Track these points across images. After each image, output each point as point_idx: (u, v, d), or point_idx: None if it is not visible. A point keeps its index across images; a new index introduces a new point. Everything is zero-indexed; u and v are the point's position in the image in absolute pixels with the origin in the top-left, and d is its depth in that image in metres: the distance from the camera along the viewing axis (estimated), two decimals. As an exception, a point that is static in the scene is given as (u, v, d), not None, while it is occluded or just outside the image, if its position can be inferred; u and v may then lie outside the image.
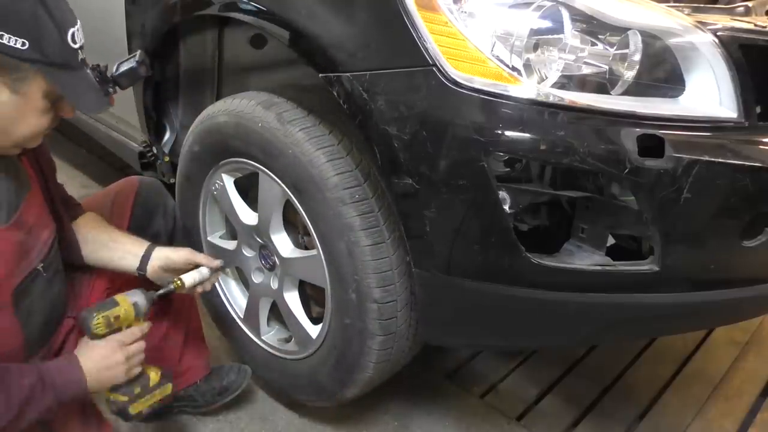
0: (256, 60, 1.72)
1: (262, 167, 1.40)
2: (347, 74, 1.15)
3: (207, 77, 1.76)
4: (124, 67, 1.17)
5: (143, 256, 1.33)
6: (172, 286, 1.31)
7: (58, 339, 1.29)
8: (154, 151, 1.92)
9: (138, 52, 1.20)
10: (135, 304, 1.22)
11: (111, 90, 1.13)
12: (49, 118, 1.08)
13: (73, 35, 1.02)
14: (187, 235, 1.66)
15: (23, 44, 0.96)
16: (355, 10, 1.16)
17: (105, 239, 1.34)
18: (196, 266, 1.37)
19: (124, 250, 1.33)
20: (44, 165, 1.26)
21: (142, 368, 1.24)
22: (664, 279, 1.11)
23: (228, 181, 1.55)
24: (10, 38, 0.95)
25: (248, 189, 1.56)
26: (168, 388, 1.30)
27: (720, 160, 1.05)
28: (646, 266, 1.10)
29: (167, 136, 1.91)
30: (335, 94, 1.18)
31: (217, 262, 1.40)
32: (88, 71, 1.09)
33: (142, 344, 1.22)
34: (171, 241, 1.49)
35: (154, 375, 1.27)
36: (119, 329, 1.19)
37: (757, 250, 1.12)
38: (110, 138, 2.16)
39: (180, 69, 1.76)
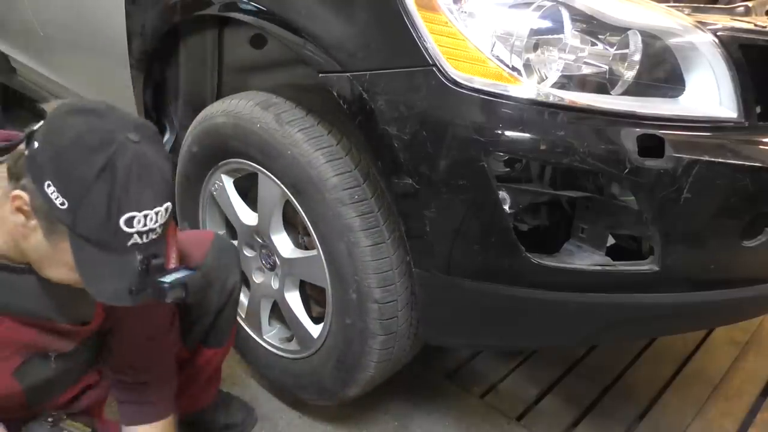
0: (256, 60, 1.72)
1: (261, 168, 1.40)
2: (347, 74, 1.15)
3: (207, 77, 1.76)
4: (163, 281, 0.96)
5: None
6: None
7: (75, 390, 1.24)
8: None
9: (192, 272, 1.00)
10: None
11: (141, 294, 0.95)
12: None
13: (129, 219, 0.88)
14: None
15: (62, 203, 0.87)
16: (355, 10, 1.16)
17: None
18: None
19: None
20: (125, 333, 1.18)
21: None
22: (664, 279, 1.11)
23: (227, 182, 1.55)
24: (54, 191, 0.87)
25: (248, 189, 1.56)
26: None
27: (720, 160, 1.05)
28: (646, 266, 1.11)
29: (167, 136, 1.90)
30: (335, 94, 1.18)
31: None
32: (137, 258, 0.92)
33: None
34: (219, 315, 1.37)
35: None
36: None
37: (757, 250, 1.12)
38: None
39: (180, 69, 1.76)
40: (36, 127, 0.91)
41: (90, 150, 0.87)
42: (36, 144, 0.88)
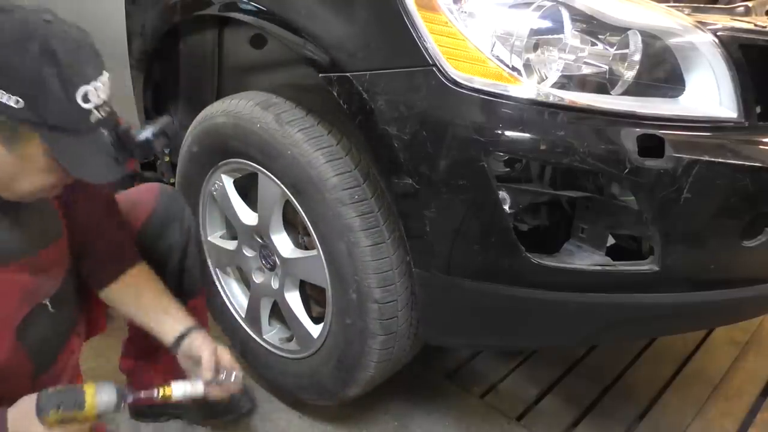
0: (256, 60, 1.72)
1: (261, 168, 1.40)
2: (347, 74, 1.15)
3: (207, 77, 1.76)
4: (141, 136, 1.00)
5: (178, 336, 1.24)
6: (156, 394, 1.14)
7: (65, 357, 1.26)
8: (154, 151, 1.92)
9: (163, 118, 1.06)
10: (99, 413, 1.06)
11: (126, 158, 0.99)
12: (56, 175, 0.97)
13: (85, 94, 0.90)
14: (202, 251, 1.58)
15: (17, 102, 0.86)
16: (355, 10, 1.16)
17: (152, 305, 1.26)
18: (216, 367, 1.22)
19: (164, 324, 1.25)
20: (80, 207, 1.18)
21: None
22: (664, 279, 1.11)
23: (227, 182, 1.55)
24: (3, 94, 0.86)
25: (248, 189, 1.56)
26: None
27: (720, 160, 1.05)
28: (646, 266, 1.11)
29: (167, 136, 1.90)
30: (335, 94, 1.18)
31: (238, 373, 1.24)
32: (105, 133, 0.95)
33: None
34: (183, 257, 1.42)
35: None
36: (71, 422, 1.06)
37: (757, 250, 1.12)
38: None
39: (180, 69, 1.76)
40: None
41: (19, 42, 0.87)
42: None
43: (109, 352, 1.63)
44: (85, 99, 0.90)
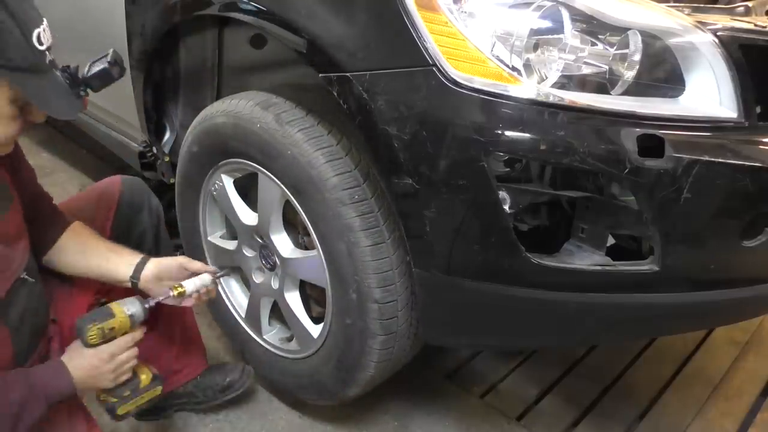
0: (256, 60, 1.72)
1: (261, 168, 1.40)
2: (347, 74, 1.15)
3: (207, 77, 1.76)
4: (96, 68, 1.09)
5: (137, 265, 1.31)
6: (172, 293, 1.29)
7: (45, 345, 1.28)
8: (154, 151, 1.92)
9: (111, 51, 1.13)
10: (131, 315, 1.21)
11: (83, 93, 1.07)
12: (18, 124, 1.03)
13: (38, 36, 0.97)
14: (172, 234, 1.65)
15: None
16: (355, 10, 1.16)
17: (100, 249, 1.32)
18: (192, 274, 1.35)
19: (117, 261, 1.31)
20: (24, 172, 1.24)
21: (132, 372, 1.25)
22: (664, 279, 1.11)
23: (227, 182, 1.55)
24: None
25: (248, 189, 1.56)
26: (158, 390, 1.31)
27: (720, 160, 1.05)
28: (646, 266, 1.10)
29: (167, 136, 1.91)
30: (335, 94, 1.18)
31: (214, 268, 1.38)
32: (58, 73, 1.03)
33: (133, 351, 1.23)
34: (157, 239, 1.50)
35: (144, 378, 1.28)
36: (113, 338, 1.19)
37: (757, 250, 1.12)
38: (110, 138, 2.16)
39: (180, 69, 1.76)
40: None
41: None
42: None
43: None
44: (39, 41, 0.97)
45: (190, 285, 1.31)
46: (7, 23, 0.92)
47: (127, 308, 1.21)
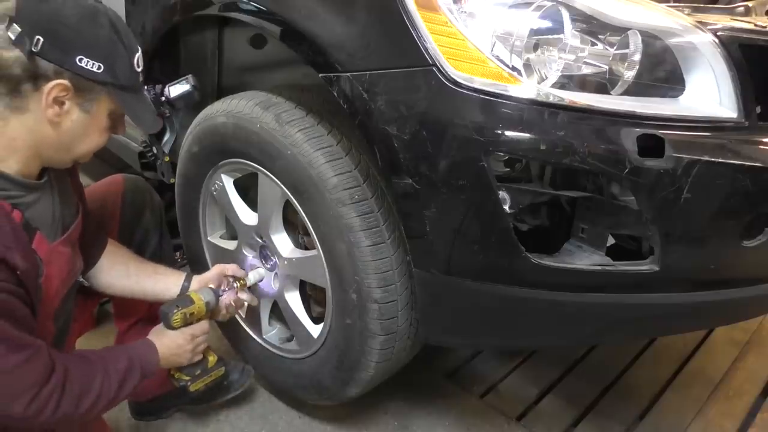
0: (256, 60, 1.72)
1: (261, 168, 1.40)
2: (347, 74, 1.15)
3: (207, 77, 1.76)
4: (179, 91, 1.31)
5: (183, 284, 1.44)
6: (235, 285, 1.47)
7: (71, 343, 1.37)
8: (154, 151, 1.92)
9: (189, 76, 1.30)
10: (207, 303, 1.38)
11: (167, 113, 1.26)
12: (107, 135, 1.16)
13: (137, 60, 1.10)
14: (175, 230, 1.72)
15: (99, 68, 1.03)
16: (355, 10, 1.16)
17: (145, 271, 1.43)
18: (230, 279, 1.49)
19: (164, 282, 1.43)
20: (79, 186, 1.33)
21: (202, 354, 1.41)
22: (664, 279, 1.11)
23: (227, 182, 1.55)
24: (88, 62, 1.02)
25: (248, 189, 1.56)
26: (222, 370, 1.47)
27: (720, 160, 1.05)
28: (646, 266, 1.10)
29: (167, 136, 1.91)
30: (335, 94, 1.18)
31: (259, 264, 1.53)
32: (145, 93, 1.20)
33: (206, 335, 1.38)
34: (161, 236, 1.55)
35: (212, 359, 1.45)
36: (191, 323, 1.35)
37: (757, 250, 1.12)
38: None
39: (180, 69, 1.76)
40: (12, 35, 0.99)
41: (93, 18, 1.04)
42: (39, 39, 0.99)
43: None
44: (137, 64, 1.11)
45: (250, 278, 1.49)
46: (119, 47, 1.06)
47: (204, 296, 1.38)
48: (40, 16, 1.00)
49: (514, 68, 1.07)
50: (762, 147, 1.10)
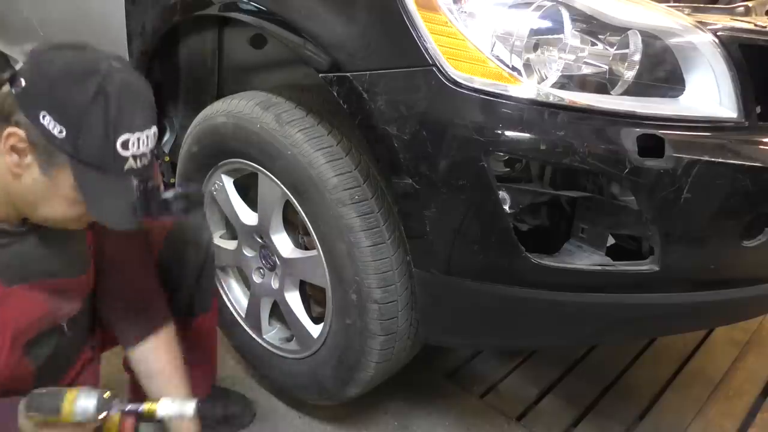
0: (256, 60, 1.72)
1: (261, 168, 1.40)
2: (347, 74, 1.15)
3: (207, 77, 1.76)
4: (163, 195, 1.01)
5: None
6: (141, 408, 1.09)
7: (76, 368, 1.26)
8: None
9: (193, 185, 1.10)
10: (78, 421, 1.02)
11: (146, 212, 0.99)
12: (79, 209, 0.98)
13: (126, 141, 0.92)
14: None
15: (60, 132, 0.90)
16: (355, 10, 1.16)
17: (169, 380, 1.25)
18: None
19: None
20: (106, 246, 1.19)
21: None
22: (664, 279, 1.11)
23: (227, 182, 1.55)
24: (50, 121, 0.89)
25: (248, 189, 1.56)
26: None
27: (720, 160, 1.05)
28: (646, 266, 1.11)
29: (167, 136, 1.91)
30: (335, 94, 1.18)
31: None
32: (134, 182, 0.96)
33: None
34: (200, 274, 1.38)
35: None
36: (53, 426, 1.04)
37: (757, 250, 1.12)
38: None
39: (180, 69, 1.76)
40: (18, 67, 0.94)
41: (81, 77, 0.91)
42: (23, 81, 0.91)
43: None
44: (124, 146, 0.93)
45: (164, 409, 1.11)
46: (93, 116, 0.90)
47: (78, 408, 1.02)
48: (39, 60, 0.93)
49: (514, 68, 1.07)
50: (762, 147, 1.10)
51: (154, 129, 0.97)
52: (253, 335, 1.67)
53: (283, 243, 1.48)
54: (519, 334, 1.31)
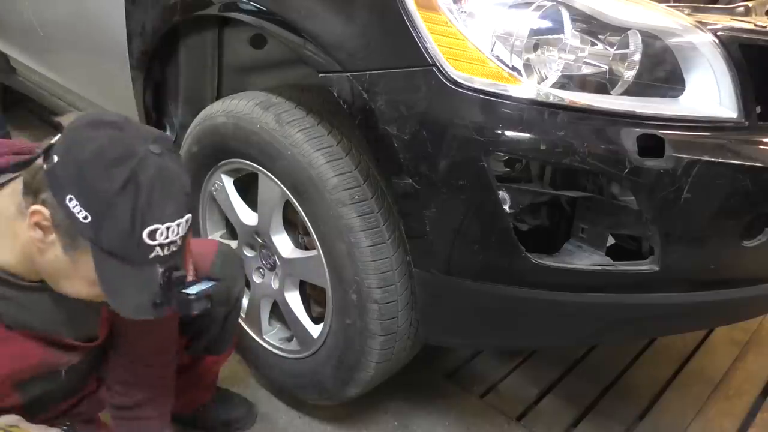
0: (256, 60, 1.72)
1: (261, 168, 1.40)
2: (347, 74, 1.15)
3: (207, 77, 1.76)
4: (185, 290, 0.97)
5: None
6: None
7: (72, 401, 1.24)
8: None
9: (217, 283, 1.03)
10: None
11: (166, 305, 0.95)
12: (99, 291, 0.94)
13: (153, 231, 0.89)
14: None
15: (85, 218, 0.87)
16: (355, 10, 1.16)
17: None
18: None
19: None
20: (128, 331, 1.17)
21: None
22: (664, 279, 1.11)
23: (227, 182, 1.55)
24: (76, 205, 0.86)
25: (248, 189, 1.56)
26: None
27: (720, 160, 1.05)
28: (646, 266, 1.11)
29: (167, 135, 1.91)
30: (335, 94, 1.18)
31: None
32: (159, 270, 0.92)
33: None
34: (226, 320, 1.37)
35: None
36: None
37: (757, 250, 1.12)
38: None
39: (180, 69, 1.76)
40: (54, 140, 0.91)
41: (112, 163, 0.87)
42: (56, 158, 0.87)
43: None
44: (151, 236, 0.89)
45: None
46: (120, 206, 0.87)
47: None
48: (74, 138, 0.90)
49: (514, 68, 1.07)
50: (762, 147, 1.10)
51: (187, 217, 0.93)
52: (253, 335, 1.67)
53: (283, 243, 1.48)
54: (519, 334, 1.31)
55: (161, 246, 0.90)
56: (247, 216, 1.54)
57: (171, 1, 1.53)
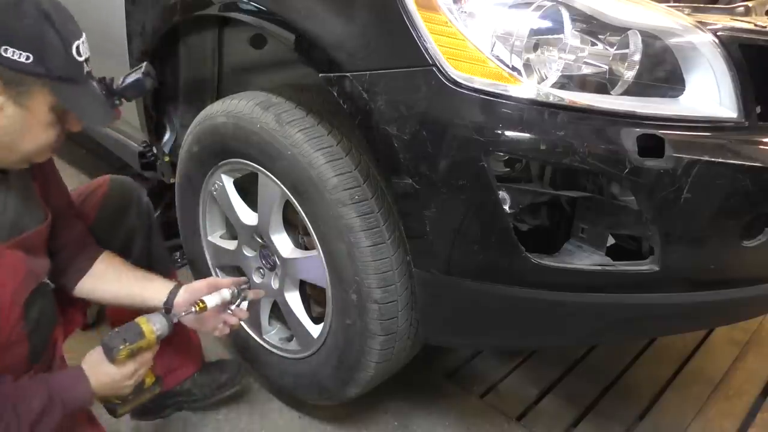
0: (256, 60, 1.72)
1: (261, 168, 1.40)
2: (347, 74, 1.15)
3: (207, 77, 1.76)
4: (129, 79, 1.17)
5: (170, 292, 1.34)
6: (193, 309, 1.28)
7: (51, 345, 1.29)
8: (154, 151, 1.92)
9: (144, 64, 1.20)
10: (158, 336, 1.22)
11: (117, 103, 1.14)
12: (56, 131, 1.08)
13: (77, 48, 1.03)
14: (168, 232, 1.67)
15: (27, 58, 0.97)
16: (355, 10, 1.16)
17: (135, 278, 1.35)
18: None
19: (152, 289, 1.34)
20: (52, 189, 1.26)
21: None
22: (664, 279, 1.11)
23: (227, 182, 1.55)
24: (14, 52, 0.96)
25: (248, 189, 1.56)
26: (156, 391, 1.34)
27: (720, 160, 1.05)
28: (646, 266, 1.10)
29: (167, 136, 1.91)
30: (335, 94, 1.18)
31: (241, 279, 1.42)
32: (95, 84, 1.09)
33: (150, 363, 1.24)
34: (149, 238, 1.49)
35: (148, 380, 1.31)
36: (138, 354, 1.20)
37: (757, 250, 1.12)
38: (110, 138, 2.16)
39: (180, 69, 1.76)
40: None
41: (15, 5, 0.97)
42: None
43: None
44: (78, 52, 1.03)
45: (210, 300, 1.31)
46: (49, 35, 0.98)
47: (156, 327, 1.21)
48: None
49: (514, 68, 1.07)
50: (762, 147, 1.10)
51: (84, 34, 1.06)
52: (253, 335, 1.67)
53: (283, 243, 1.48)
54: (519, 334, 1.31)
55: (86, 61, 1.05)
56: (247, 216, 1.54)
57: (171, 1, 1.53)
